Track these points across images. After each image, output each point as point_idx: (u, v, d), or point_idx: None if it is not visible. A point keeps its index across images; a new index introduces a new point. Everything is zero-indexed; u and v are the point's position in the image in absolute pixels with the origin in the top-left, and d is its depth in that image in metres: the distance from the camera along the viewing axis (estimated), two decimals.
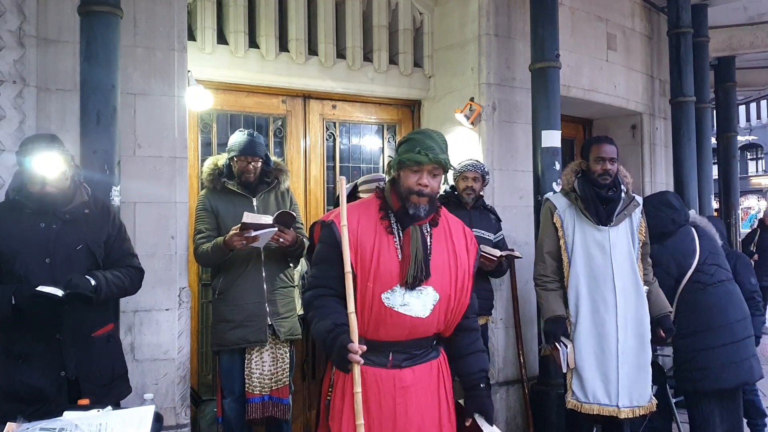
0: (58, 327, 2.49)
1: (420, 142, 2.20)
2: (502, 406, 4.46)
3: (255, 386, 3.40)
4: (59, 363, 2.49)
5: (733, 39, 7.13)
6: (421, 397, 2.23)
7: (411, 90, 4.91)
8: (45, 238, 2.48)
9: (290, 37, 4.39)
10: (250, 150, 3.46)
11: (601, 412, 3.30)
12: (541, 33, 4.26)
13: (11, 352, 2.49)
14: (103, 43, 2.94)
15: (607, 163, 3.36)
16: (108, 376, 2.63)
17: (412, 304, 2.17)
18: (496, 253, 3.81)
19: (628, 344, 3.32)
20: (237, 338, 3.39)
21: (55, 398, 2.45)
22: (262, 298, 3.42)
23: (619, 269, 3.35)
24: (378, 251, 2.15)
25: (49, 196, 2.51)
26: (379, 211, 2.23)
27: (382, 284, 2.14)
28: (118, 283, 2.61)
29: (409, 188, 2.20)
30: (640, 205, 3.49)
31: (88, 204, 2.65)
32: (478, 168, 4.06)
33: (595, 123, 6.22)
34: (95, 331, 2.61)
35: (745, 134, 28.49)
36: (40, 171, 2.47)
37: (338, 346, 2.06)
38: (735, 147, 7.85)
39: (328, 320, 2.12)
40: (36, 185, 2.49)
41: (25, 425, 1.84)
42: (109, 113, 2.94)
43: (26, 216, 2.51)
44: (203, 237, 3.45)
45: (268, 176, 3.61)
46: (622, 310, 3.32)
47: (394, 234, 2.21)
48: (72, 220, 2.56)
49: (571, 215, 3.44)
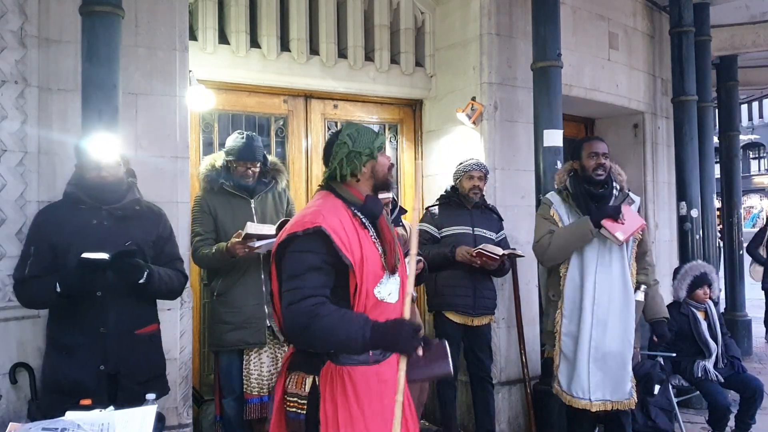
0: (103, 321, 2.54)
1: (366, 128, 2.28)
2: (504, 405, 4.46)
3: (254, 387, 3.41)
4: (100, 357, 2.53)
5: (735, 38, 7.11)
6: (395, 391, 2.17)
7: (412, 89, 4.90)
8: (96, 234, 2.54)
9: (291, 37, 4.38)
10: (250, 155, 3.45)
11: (572, 404, 3.39)
12: (543, 32, 4.25)
13: (59, 344, 2.56)
14: (105, 43, 2.94)
15: (600, 158, 3.42)
16: (146, 374, 2.67)
17: (393, 292, 2.19)
18: (498, 252, 3.81)
19: (603, 340, 3.35)
20: (236, 340, 3.39)
21: (94, 392, 2.47)
22: (262, 300, 3.42)
23: (604, 266, 3.38)
24: (362, 248, 2.13)
25: (105, 184, 2.59)
26: (347, 210, 2.18)
27: (372, 279, 2.13)
28: (168, 280, 2.69)
29: (389, 166, 2.27)
30: (635, 203, 3.51)
31: (139, 202, 2.73)
32: (482, 167, 4.07)
33: (597, 122, 6.21)
34: (139, 329, 2.65)
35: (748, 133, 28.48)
36: (95, 153, 2.56)
37: (408, 330, 2.04)
38: (737, 146, 7.83)
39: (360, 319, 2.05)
40: (92, 170, 2.58)
41: (27, 425, 1.84)
42: (110, 113, 2.94)
43: (80, 212, 2.58)
44: (201, 240, 3.45)
45: (266, 176, 3.60)
46: (603, 306, 3.36)
47: (367, 228, 2.19)
48: (123, 216, 2.63)
49: (565, 212, 3.50)
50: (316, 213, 2.09)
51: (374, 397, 2.10)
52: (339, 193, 2.21)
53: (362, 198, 2.20)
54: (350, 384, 2.07)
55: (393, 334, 2.03)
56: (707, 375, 4.34)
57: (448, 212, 4.07)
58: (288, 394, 2.16)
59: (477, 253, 3.80)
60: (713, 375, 4.33)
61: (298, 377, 2.15)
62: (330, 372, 2.09)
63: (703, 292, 4.48)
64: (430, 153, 4.97)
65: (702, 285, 4.49)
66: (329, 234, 2.04)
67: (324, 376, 2.09)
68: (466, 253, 3.83)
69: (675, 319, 4.51)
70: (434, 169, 4.91)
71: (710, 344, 4.40)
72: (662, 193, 6.05)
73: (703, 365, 4.36)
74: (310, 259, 2.06)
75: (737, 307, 7.28)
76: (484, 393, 4.12)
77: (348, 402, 2.07)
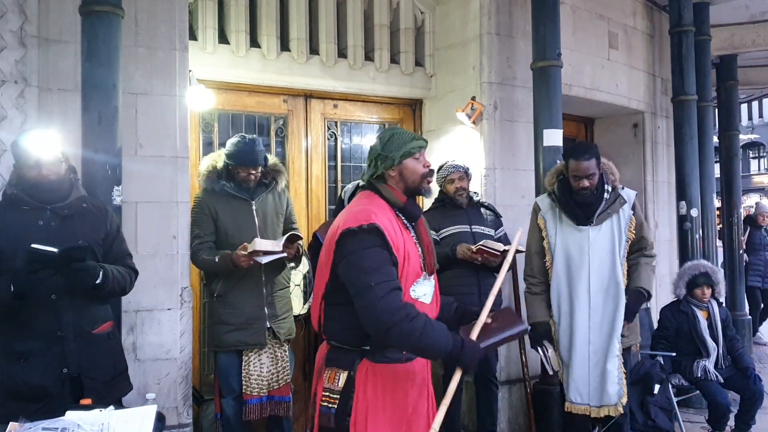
0: (59, 324, 2.48)
1: (405, 133, 2.30)
2: (504, 405, 4.46)
3: (253, 388, 3.41)
4: (61, 360, 2.48)
5: (735, 37, 7.11)
6: (421, 388, 2.30)
7: (412, 89, 4.90)
8: (44, 235, 2.45)
9: (291, 37, 4.38)
10: (251, 161, 3.45)
11: (572, 410, 3.38)
12: (543, 32, 4.25)
13: (12, 351, 2.47)
14: (105, 43, 2.94)
15: (584, 181, 3.32)
16: (110, 373, 2.63)
17: (428, 293, 2.27)
18: (500, 248, 3.77)
19: (600, 344, 3.33)
20: (235, 340, 3.40)
21: (58, 396, 2.44)
22: (262, 301, 3.42)
23: (596, 269, 3.36)
24: (405, 248, 2.19)
25: (46, 183, 2.49)
26: (391, 210, 2.24)
27: (411, 279, 2.19)
28: (120, 278, 2.62)
29: (423, 174, 2.27)
30: (629, 201, 3.44)
31: (85, 199, 2.64)
32: (459, 168, 4.04)
33: (597, 122, 6.21)
34: (96, 328, 2.60)
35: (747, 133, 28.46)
36: (35, 150, 2.46)
37: (479, 353, 2.14)
38: (737, 145, 7.82)
39: (443, 329, 2.12)
40: (32, 168, 2.47)
41: (27, 425, 1.84)
42: (110, 113, 2.95)
43: (24, 213, 2.49)
44: (200, 243, 3.44)
45: (266, 177, 3.60)
46: (597, 310, 3.34)
47: (409, 229, 2.26)
48: (70, 215, 2.55)
49: (553, 216, 3.48)
50: (367, 211, 2.13)
51: (400, 392, 2.22)
52: (383, 193, 2.25)
53: (403, 200, 2.25)
54: (382, 380, 2.18)
55: (468, 355, 2.11)
56: (707, 375, 4.34)
57: (443, 213, 4.05)
58: (324, 389, 2.23)
59: (478, 249, 3.78)
60: (713, 375, 4.33)
61: (331, 372, 2.22)
62: (366, 369, 2.17)
63: (701, 292, 4.47)
64: (430, 153, 4.95)
65: (701, 285, 4.48)
66: (383, 231, 2.10)
67: (360, 372, 2.17)
68: (466, 250, 3.81)
69: (674, 317, 4.52)
70: (434, 168, 4.90)
71: (709, 344, 4.39)
72: (662, 193, 6.05)
73: (703, 365, 4.36)
74: (383, 254, 2.10)
75: (737, 307, 7.27)
76: (489, 393, 4.10)
77: (378, 397, 2.17)
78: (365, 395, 2.16)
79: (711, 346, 4.39)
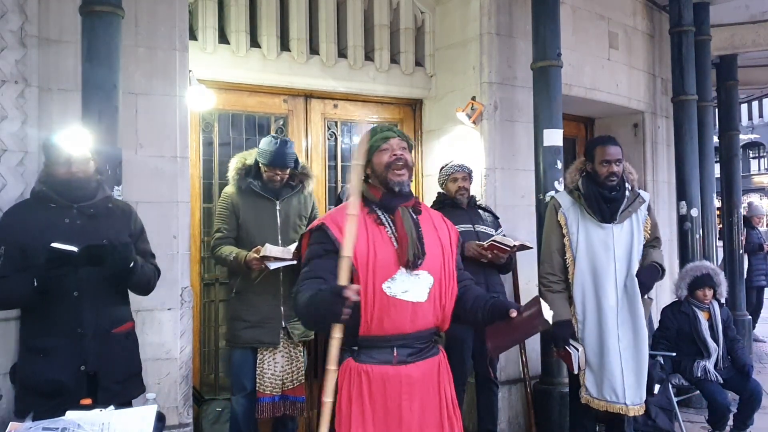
0: (79, 321, 2.52)
1: (374, 130, 2.33)
2: (504, 405, 4.46)
3: (266, 386, 3.43)
4: (80, 357, 2.51)
5: (735, 37, 7.11)
6: (424, 395, 2.23)
7: (412, 89, 4.90)
8: (69, 233, 2.49)
9: (291, 37, 4.38)
10: (280, 163, 3.48)
11: (609, 409, 3.33)
12: (543, 32, 4.25)
13: (33, 346, 2.52)
14: (105, 43, 2.94)
15: (613, 165, 3.35)
16: (124, 373, 2.66)
17: (411, 290, 2.20)
18: (510, 242, 3.76)
19: (629, 341, 3.33)
20: (250, 338, 3.43)
21: (75, 392, 2.46)
22: (279, 301, 3.45)
23: (621, 267, 3.37)
24: (373, 243, 2.18)
25: (75, 180, 2.53)
26: (363, 207, 2.23)
27: (382, 275, 2.16)
28: (148, 271, 2.68)
29: (387, 163, 2.24)
30: (645, 202, 3.49)
31: (111, 199, 2.69)
32: (464, 168, 4.06)
33: (597, 122, 6.21)
34: (115, 328, 2.63)
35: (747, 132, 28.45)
36: (66, 148, 2.51)
37: (330, 291, 1.97)
38: (737, 145, 7.82)
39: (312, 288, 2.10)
40: (62, 166, 2.52)
41: (27, 424, 1.84)
42: (110, 113, 2.95)
43: (51, 210, 2.53)
44: (222, 237, 3.51)
45: (293, 179, 3.62)
46: (624, 308, 3.34)
47: (384, 224, 2.24)
48: (95, 215, 2.58)
49: (575, 213, 3.45)
50: (326, 214, 2.32)
51: (389, 396, 2.17)
52: (363, 193, 2.26)
53: (378, 195, 2.27)
54: (367, 383, 2.15)
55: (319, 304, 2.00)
56: (707, 375, 4.33)
57: (445, 213, 4.03)
58: None
59: (490, 245, 3.76)
60: (713, 375, 4.33)
61: None
62: (349, 368, 2.17)
63: (703, 294, 4.47)
64: (430, 152, 4.97)
65: (702, 286, 4.47)
66: (326, 230, 2.19)
67: (342, 372, 2.16)
68: (477, 247, 3.79)
69: (675, 317, 4.52)
70: (434, 168, 4.89)
71: (709, 344, 4.39)
72: (662, 193, 6.05)
73: (703, 365, 4.35)
74: (317, 250, 2.20)
75: (736, 307, 7.27)
76: (490, 394, 4.09)
77: (362, 400, 2.15)
78: (349, 395, 2.15)
79: (712, 347, 4.39)
